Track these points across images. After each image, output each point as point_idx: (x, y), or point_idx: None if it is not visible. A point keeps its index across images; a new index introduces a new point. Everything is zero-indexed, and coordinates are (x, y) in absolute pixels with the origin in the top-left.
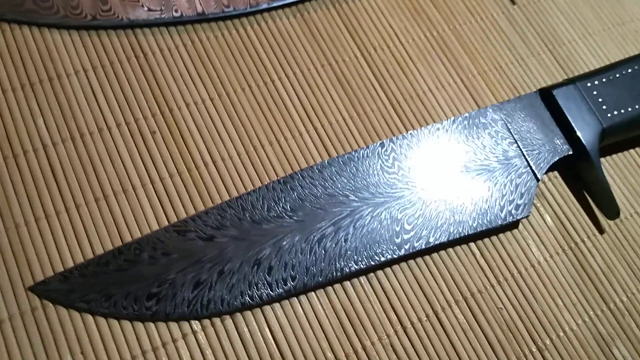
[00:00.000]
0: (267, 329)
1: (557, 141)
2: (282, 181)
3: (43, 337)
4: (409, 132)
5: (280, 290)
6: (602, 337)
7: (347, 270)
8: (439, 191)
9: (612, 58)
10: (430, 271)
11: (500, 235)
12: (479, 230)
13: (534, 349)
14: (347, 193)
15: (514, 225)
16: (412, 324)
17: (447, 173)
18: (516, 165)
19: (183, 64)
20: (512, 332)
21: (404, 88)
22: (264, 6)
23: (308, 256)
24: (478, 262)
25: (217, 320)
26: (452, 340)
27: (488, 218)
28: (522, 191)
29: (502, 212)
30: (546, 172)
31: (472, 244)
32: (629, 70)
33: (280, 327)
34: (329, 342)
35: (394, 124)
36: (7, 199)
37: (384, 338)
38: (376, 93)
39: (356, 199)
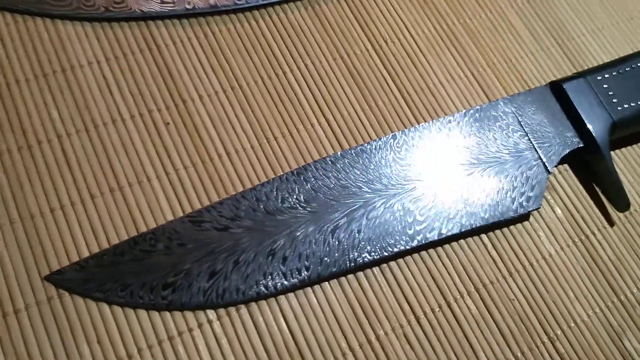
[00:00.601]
0: (282, 319)
1: (568, 134)
2: (295, 173)
3: (59, 326)
4: (421, 124)
5: (295, 280)
6: (613, 328)
7: (361, 261)
8: (450, 183)
9: (621, 53)
10: (442, 262)
11: (512, 227)
12: (490, 221)
13: (546, 340)
14: (360, 184)
15: (525, 217)
16: (424, 314)
17: (458, 165)
18: (527, 157)
19: (196, 56)
20: (524, 322)
21: (414, 80)
22: None
23: (322, 247)
24: (490, 253)
25: (232, 310)
26: (464, 331)
27: (499, 210)
28: (533, 183)
29: (513, 204)
30: (557, 165)
31: (483, 236)
32: (639, 64)
33: (295, 316)
34: (343, 332)
35: (405, 117)
36: (22, 189)
37: (397, 328)
38: (387, 85)
39: (369, 190)
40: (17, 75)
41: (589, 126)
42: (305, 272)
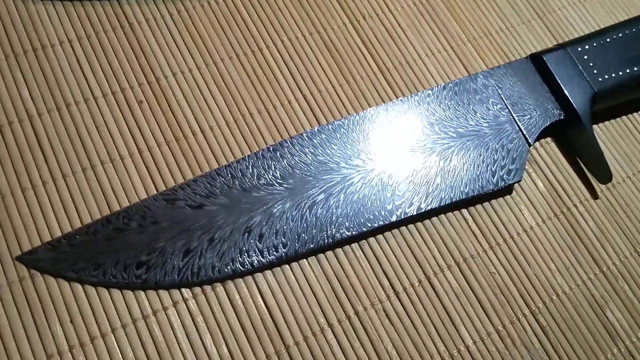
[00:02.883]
0: (258, 296)
1: (549, 106)
2: (271, 149)
3: (31, 306)
4: (399, 98)
5: (272, 257)
6: (596, 300)
7: (339, 237)
8: (430, 157)
9: (602, 25)
10: (422, 237)
11: (493, 201)
12: (470, 195)
13: (527, 313)
14: (338, 160)
15: (506, 190)
16: (404, 289)
17: (438, 139)
18: (507, 130)
19: (169, 33)
20: (505, 296)
21: (393, 55)
22: None
23: (299, 223)
24: (470, 227)
25: (208, 288)
26: (445, 305)
27: (480, 183)
28: (514, 156)
29: (493, 177)
30: (538, 138)
31: (464, 210)
32: (620, 35)
33: (272, 293)
34: (321, 308)
35: (383, 91)
36: None
37: (377, 303)
38: (365, 61)
39: (347, 166)
40: None
41: (570, 97)
42: (283, 249)
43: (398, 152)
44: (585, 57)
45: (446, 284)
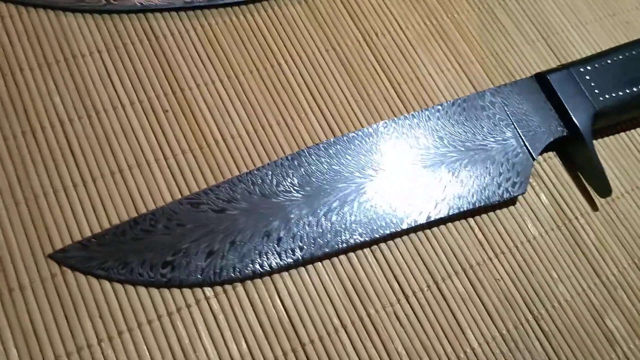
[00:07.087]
0: (276, 296)
1: (552, 123)
2: (290, 158)
3: (63, 301)
4: (410, 113)
5: (289, 259)
6: (595, 308)
7: (352, 242)
8: (439, 169)
9: (604, 47)
10: (431, 244)
11: (498, 211)
12: (477, 205)
13: (530, 318)
14: (352, 170)
15: (510, 202)
16: (414, 293)
17: (447, 152)
18: (513, 145)
19: (193, 47)
20: (509, 302)
21: (404, 72)
22: None
23: (315, 228)
24: (476, 236)
25: (229, 288)
26: (452, 309)
27: (486, 194)
28: (519, 170)
29: (499, 189)
30: (542, 153)
31: (470, 219)
32: (620, 57)
33: (289, 294)
34: (335, 309)
35: (395, 106)
36: (27, 171)
37: (388, 306)
38: (378, 76)
39: (360, 175)
40: (22, 64)
41: (573, 115)
42: (299, 252)
43: (408, 163)
44: (587, 77)
45: (453, 289)
